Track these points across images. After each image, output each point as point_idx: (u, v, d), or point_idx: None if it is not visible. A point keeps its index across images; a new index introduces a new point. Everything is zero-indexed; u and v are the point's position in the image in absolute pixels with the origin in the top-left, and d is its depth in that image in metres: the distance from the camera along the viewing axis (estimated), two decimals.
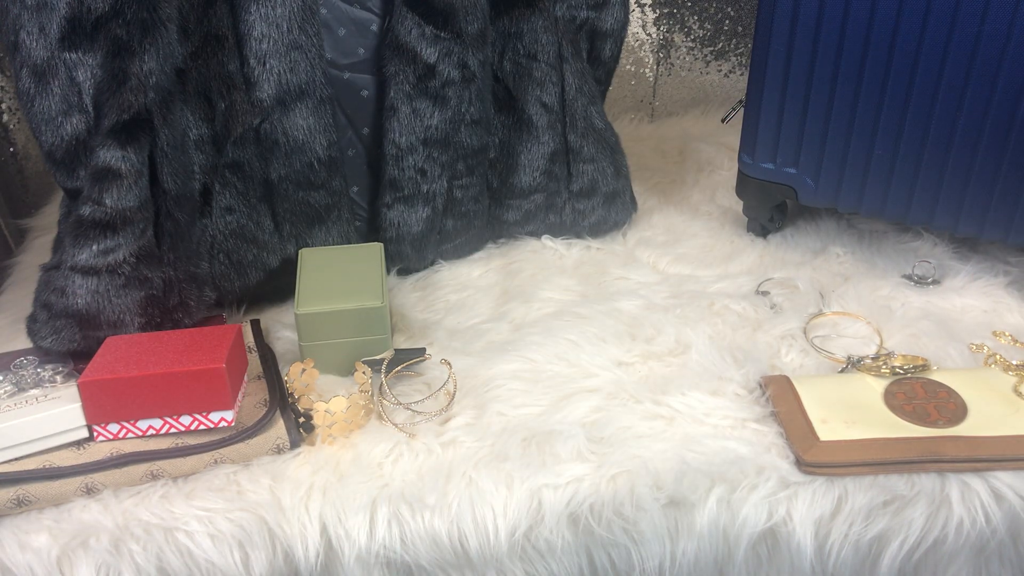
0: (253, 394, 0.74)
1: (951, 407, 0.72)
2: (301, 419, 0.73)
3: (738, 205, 1.06)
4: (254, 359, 0.79)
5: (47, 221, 1.10)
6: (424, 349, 0.81)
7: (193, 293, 0.81)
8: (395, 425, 0.74)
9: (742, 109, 0.96)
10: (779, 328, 0.84)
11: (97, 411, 0.67)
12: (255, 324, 0.84)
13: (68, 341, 0.75)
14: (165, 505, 0.66)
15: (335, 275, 0.81)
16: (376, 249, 0.86)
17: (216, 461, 0.69)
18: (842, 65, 0.84)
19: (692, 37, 1.35)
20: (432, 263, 0.97)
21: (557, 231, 1.01)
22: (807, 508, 0.67)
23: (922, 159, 0.85)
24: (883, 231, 1.00)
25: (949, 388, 0.74)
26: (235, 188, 0.82)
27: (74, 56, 0.74)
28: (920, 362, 0.77)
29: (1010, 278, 0.90)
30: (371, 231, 0.93)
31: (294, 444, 0.71)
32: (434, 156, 0.88)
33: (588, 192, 0.99)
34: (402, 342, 0.86)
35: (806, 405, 0.72)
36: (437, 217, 0.92)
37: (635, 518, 0.67)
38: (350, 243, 0.90)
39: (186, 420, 0.69)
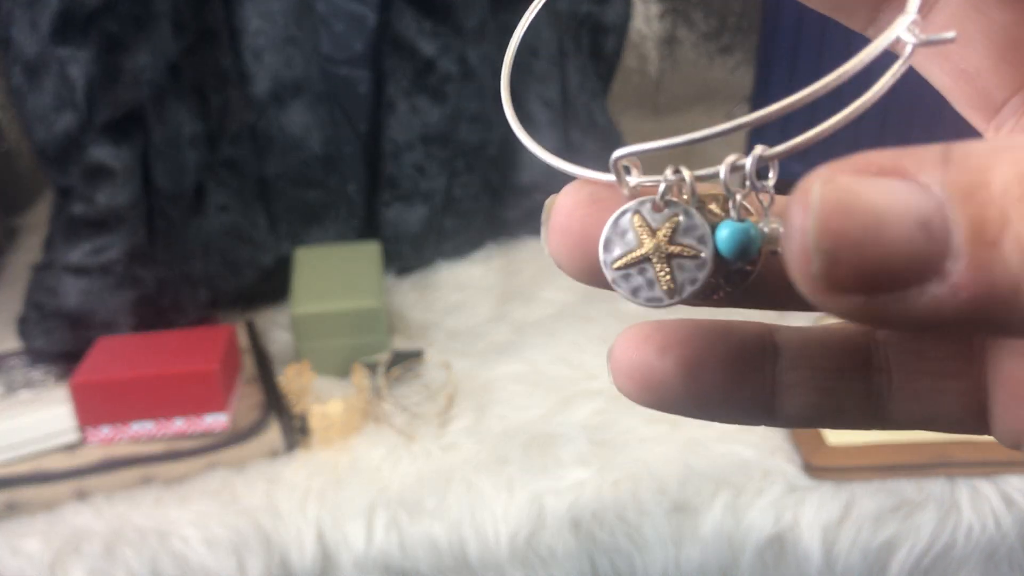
0: (248, 396, 0.73)
1: None
2: (297, 422, 0.72)
3: None
4: (249, 361, 0.78)
5: (39, 219, 1.09)
6: (423, 350, 0.80)
7: (187, 293, 0.80)
8: (393, 428, 0.73)
9: (747, 105, 0.95)
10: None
11: (89, 413, 0.67)
12: (250, 325, 0.84)
13: (60, 342, 0.75)
14: (159, 509, 0.66)
15: (332, 275, 0.81)
16: (374, 248, 0.85)
17: (210, 465, 0.69)
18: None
19: (697, 32, 1.34)
20: (431, 262, 0.97)
21: None
22: (814, 513, 0.66)
23: None
24: None
25: None
26: (230, 186, 0.82)
27: (66, 51, 0.73)
28: None
29: None
30: (368, 230, 0.92)
31: (290, 448, 0.70)
32: (433, 153, 0.88)
33: None
34: (401, 343, 0.85)
35: None
36: (436, 215, 0.92)
37: (638, 523, 0.66)
38: (347, 242, 0.89)
39: (180, 423, 0.68)
